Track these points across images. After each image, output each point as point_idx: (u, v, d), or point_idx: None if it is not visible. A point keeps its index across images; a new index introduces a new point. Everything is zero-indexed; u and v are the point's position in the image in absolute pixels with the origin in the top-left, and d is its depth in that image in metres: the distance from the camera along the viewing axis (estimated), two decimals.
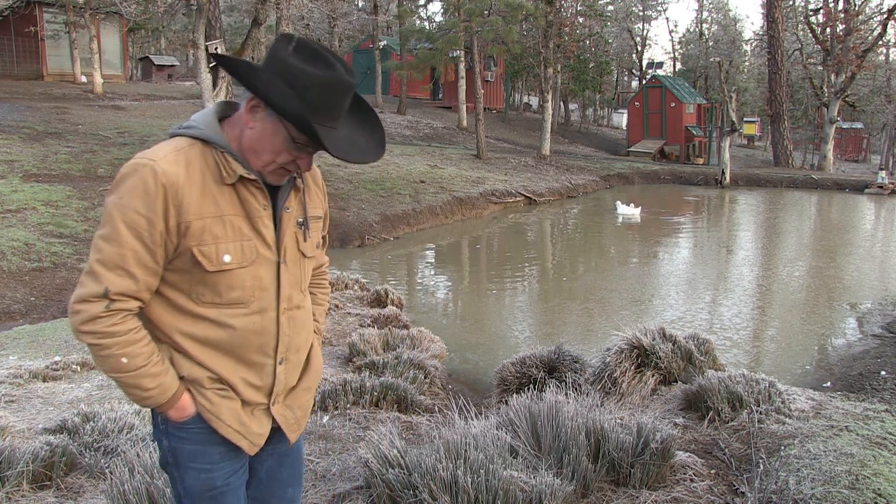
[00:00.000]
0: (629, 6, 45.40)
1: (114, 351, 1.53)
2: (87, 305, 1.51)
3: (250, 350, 1.64)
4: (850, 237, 15.25)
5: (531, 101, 42.89)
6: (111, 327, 1.52)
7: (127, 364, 1.54)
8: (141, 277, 1.53)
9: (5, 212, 9.84)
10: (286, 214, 1.67)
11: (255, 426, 1.69)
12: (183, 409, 1.63)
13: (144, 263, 1.53)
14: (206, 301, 1.59)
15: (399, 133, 25.82)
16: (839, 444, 3.15)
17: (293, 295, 1.70)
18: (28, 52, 23.35)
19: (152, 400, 1.59)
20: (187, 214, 1.53)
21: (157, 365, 1.58)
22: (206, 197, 1.55)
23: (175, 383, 1.61)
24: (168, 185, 1.50)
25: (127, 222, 1.50)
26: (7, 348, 5.76)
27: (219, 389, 1.64)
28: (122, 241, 1.50)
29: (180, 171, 1.52)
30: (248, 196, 1.59)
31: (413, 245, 13.43)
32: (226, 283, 1.58)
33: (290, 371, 1.73)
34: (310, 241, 1.74)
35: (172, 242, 1.54)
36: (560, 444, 2.92)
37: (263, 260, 1.62)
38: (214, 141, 1.58)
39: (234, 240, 1.58)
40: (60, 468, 3.06)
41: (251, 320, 1.62)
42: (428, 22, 39.05)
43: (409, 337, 5.80)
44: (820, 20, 29.94)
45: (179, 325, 1.61)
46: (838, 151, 32.94)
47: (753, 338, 7.86)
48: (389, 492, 2.67)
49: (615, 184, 23.41)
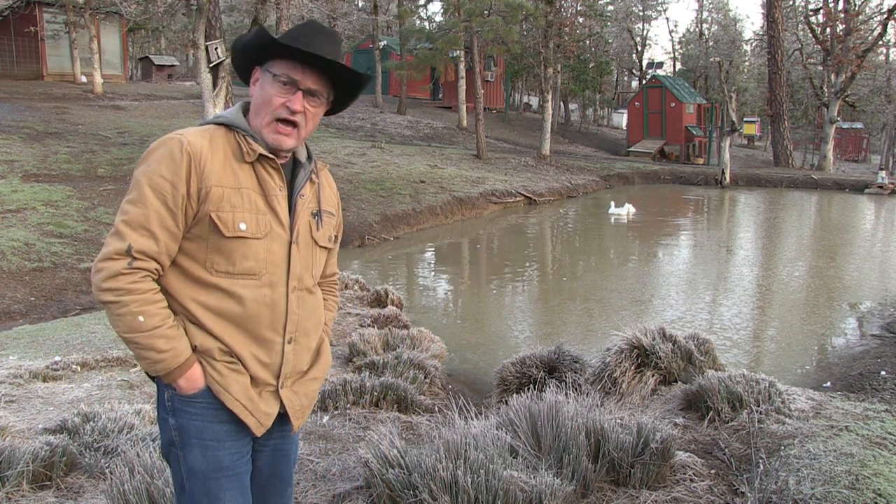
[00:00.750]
0: (629, 6, 45.40)
1: (132, 308, 1.59)
2: (110, 263, 1.59)
3: (261, 324, 1.70)
4: (850, 237, 15.25)
5: (531, 101, 42.89)
6: (131, 284, 1.59)
7: (143, 323, 1.59)
8: (162, 239, 1.62)
9: (5, 212, 9.84)
10: (301, 200, 1.78)
11: (263, 405, 1.73)
12: (193, 379, 1.67)
13: (166, 226, 1.62)
14: (220, 270, 1.66)
15: (399, 133, 25.81)
16: (839, 444, 3.15)
17: (304, 277, 1.78)
18: (28, 52, 23.35)
19: (164, 364, 1.63)
20: (208, 180, 1.63)
21: (172, 328, 1.63)
22: (227, 169, 1.67)
23: (188, 350, 1.66)
24: (193, 154, 1.63)
25: (152, 186, 1.61)
26: (7, 348, 5.75)
27: (228, 362, 1.68)
28: (147, 202, 1.60)
29: (205, 143, 1.66)
30: (265, 175, 1.71)
31: (413, 245, 13.43)
32: (240, 252, 1.66)
33: (298, 353, 1.78)
34: (322, 231, 1.83)
35: (193, 208, 1.64)
36: (560, 444, 2.92)
37: (276, 236, 1.71)
38: (237, 125, 1.72)
39: (250, 211, 1.67)
40: (60, 468, 3.06)
41: (262, 293, 1.69)
42: (428, 22, 39.08)
43: (409, 337, 5.80)
44: (820, 20, 29.95)
45: (194, 293, 1.67)
46: (838, 151, 32.95)
47: (753, 338, 7.86)
48: (389, 492, 2.67)
49: (615, 184, 23.41)
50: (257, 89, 1.75)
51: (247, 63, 1.79)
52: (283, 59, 1.71)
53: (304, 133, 1.75)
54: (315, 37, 1.71)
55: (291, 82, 1.70)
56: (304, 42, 1.68)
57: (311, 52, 1.67)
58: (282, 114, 1.70)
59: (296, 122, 1.72)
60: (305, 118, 1.73)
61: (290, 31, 1.75)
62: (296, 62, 1.70)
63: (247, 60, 1.78)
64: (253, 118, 1.74)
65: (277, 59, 1.71)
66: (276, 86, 1.70)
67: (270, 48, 1.72)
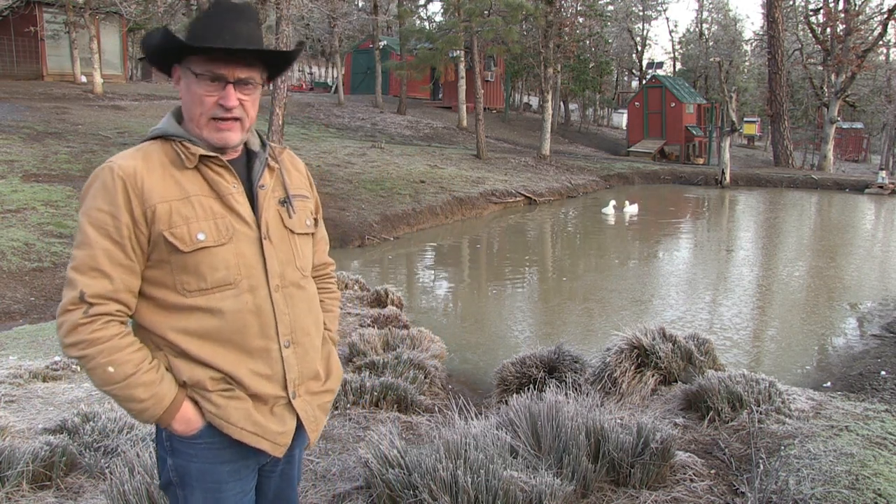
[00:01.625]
0: (629, 6, 45.39)
1: (99, 360, 1.45)
2: (68, 315, 1.47)
3: (250, 334, 1.56)
4: (850, 237, 15.24)
5: (531, 101, 42.89)
6: (92, 334, 1.45)
7: (115, 373, 1.46)
8: (116, 276, 1.49)
9: (5, 212, 9.84)
10: (262, 191, 1.64)
11: (274, 424, 1.60)
12: (187, 420, 1.53)
13: (117, 261, 1.49)
14: (193, 289, 1.53)
15: (399, 133, 25.81)
16: (839, 444, 3.15)
17: (286, 272, 1.63)
18: (28, 52, 23.34)
19: (149, 413, 1.50)
20: (150, 199, 1.50)
21: (149, 372, 1.49)
22: (168, 182, 1.54)
23: (172, 392, 1.52)
24: (126, 177, 1.50)
25: (92, 222, 1.49)
26: (7, 348, 5.75)
27: (223, 390, 1.55)
28: (90, 242, 1.48)
29: (136, 163, 1.53)
30: (214, 176, 1.58)
31: (413, 245, 13.43)
32: (208, 264, 1.53)
33: (302, 355, 1.64)
34: (296, 217, 1.69)
35: (144, 234, 1.51)
36: (560, 444, 2.92)
37: (242, 236, 1.57)
38: (171, 132, 1.59)
39: (205, 218, 1.54)
40: (60, 468, 3.06)
41: (243, 300, 1.55)
42: (428, 22, 39.06)
43: (409, 337, 5.80)
44: (820, 20, 29.94)
45: (172, 322, 1.54)
46: (838, 151, 32.94)
47: (753, 338, 7.86)
48: (389, 492, 2.67)
49: (615, 184, 23.41)
50: (183, 90, 1.60)
51: (162, 61, 1.63)
52: (202, 55, 1.55)
53: (249, 122, 1.62)
54: (226, 19, 1.55)
55: (218, 78, 1.55)
56: (217, 31, 1.53)
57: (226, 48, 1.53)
58: (217, 112, 1.56)
59: (235, 116, 1.58)
60: (244, 108, 1.59)
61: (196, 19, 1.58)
62: (221, 56, 1.55)
63: (162, 59, 1.62)
64: (188, 122, 1.61)
65: (194, 55, 1.55)
66: (202, 85, 1.55)
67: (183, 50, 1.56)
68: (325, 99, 30.63)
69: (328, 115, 26.72)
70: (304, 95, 31.93)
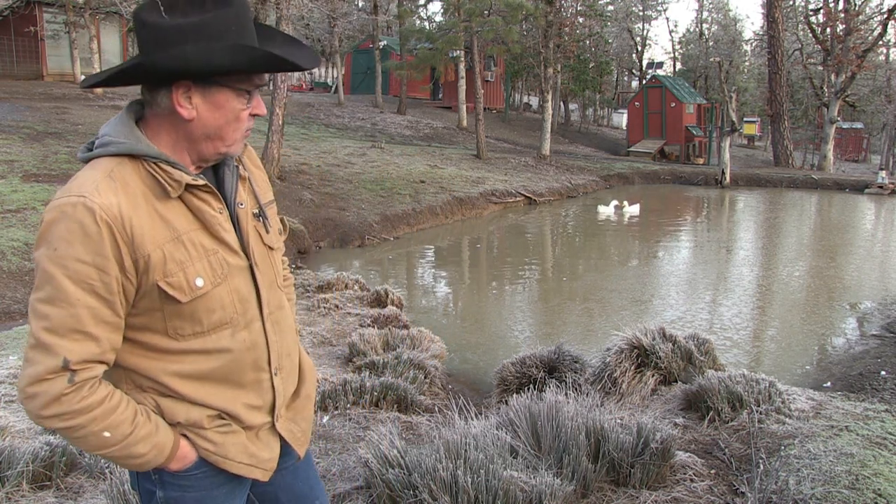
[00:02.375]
0: (629, 6, 45.40)
1: (92, 429, 1.29)
2: (45, 385, 1.24)
3: (245, 370, 1.46)
4: (850, 237, 15.24)
5: (531, 101, 42.90)
6: (81, 403, 1.26)
7: (111, 437, 1.31)
8: (104, 336, 1.28)
9: (5, 212, 9.85)
10: (241, 211, 1.46)
11: (265, 452, 1.53)
12: (183, 457, 1.44)
13: (104, 319, 1.28)
14: (187, 334, 1.38)
15: (399, 133, 25.81)
16: (839, 444, 3.15)
17: (271, 297, 1.51)
18: (28, 52, 23.35)
19: (150, 463, 1.40)
20: (143, 247, 1.29)
21: (144, 426, 1.35)
22: (155, 219, 1.32)
23: (169, 437, 1.40)
24: (112, 221, 1.25)
25: (71, 276, 1.23)
26: (7, 348, 5.75)
27: (220, 426, 1.45)
28: (70, 299, 1.24)
29: (121, 200, 1.27)
30: (199, 204, 1.37)
31: (413, 245, 13.43)
32: (205, 308, 1.37)
33: (285, 379, 1.57)
34: (272, 230, 1.55)
35: (133, 284, 1.30)
36: (560, 444, 2.92)
37: (235, 269, 1.42)
38: (143, 153, 1.32)
39: (199, 259, 1.36)
40: (60, 468, 3.06)
41: (241, 338, 1.43)
42: (428, 22, 39.07)
43: (409, 337, 5.80)
44: (820, 20, 29.94)
45: (164, 365, 1.38)
46: (838, 151, 32.94)
47: (753, 338, 7.86)
48: (389, 492, 2.67)
49: (615, 184, 23.41)
50: (207, 109, 1.34)
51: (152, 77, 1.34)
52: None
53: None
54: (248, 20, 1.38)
55: (254, 90, 1.41)
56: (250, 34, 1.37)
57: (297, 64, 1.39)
58: (250, 123, 1.43)
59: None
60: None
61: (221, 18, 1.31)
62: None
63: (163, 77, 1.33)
64: (200, 142, 1.37)
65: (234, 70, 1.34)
66: (241, 99, 1.37)
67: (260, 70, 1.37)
68: (325, 99, 30.64)
69: (328, 115, 26.72)
70: (304, 95, 31.93)
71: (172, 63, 1.28)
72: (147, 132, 1.37)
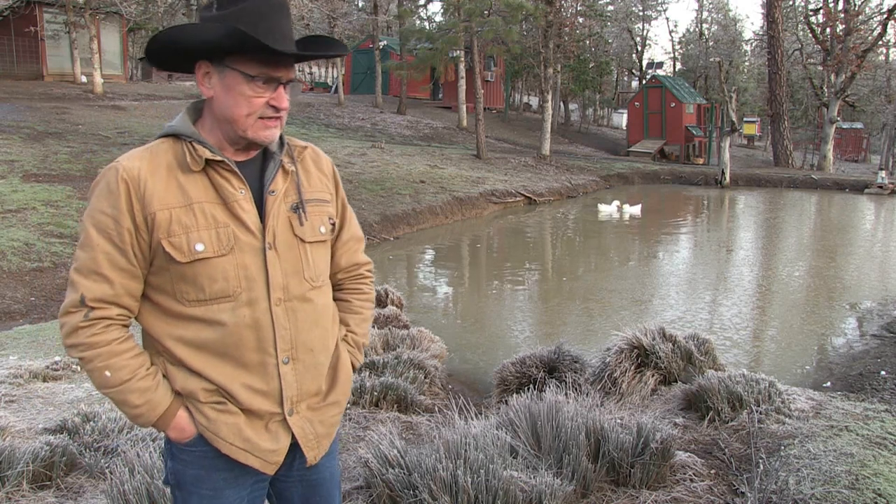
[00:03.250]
0: (629, 6, 45.40)
1: (97, 364, 1.46)
2: (69, 317, 1.46)
3: (246, 348, 1.51)
4: (850, 237, 15.24)
5: (531, 101, 42.90)
6: (91, 338, 1.45)
7: (111, 378, 1.46)
8: (117, 280, 1.46)
9: (5, 212, 9.84)
10: (272, 197, 1.55)
11: (266, 442, 1.55)
12: (181, 428, 1.53)
13: (118, 265, 1.46)
14: (192, 299, 1.49)
15: (399, 133, 25.81)
16: (839, 444, 3.15)
17: (290, 284, 1.55)
18: (28, 52, 23.35)
19: (143, 418, 1.50)
20: (150, 205, 1.45)
21: (144, 379, 1.48)
22: (172, 186, 1.48)
23: (166, 400, 1.51)
24: (130, 180, 1.45)
25: (95, 225, 1.46)
26: (7, 348, 5.75)
27: (216, 403, 1.52)
28: (92, 244, 1.45)
29: (142, 165, 1.47)
30: (221, 181, 1.50)
31: (413, 245, 13.44)
32: (206, 275, 1.47)
33: (301, 373, 1.57)
34: (308, 225, 1.59)
35: (145, 240, 1.47)
36: (560, 444, 2.92)
37: (246, 246, 1.50)
38: (182, 132, 1.52)
39: (206, 227, 1.47)
40: (60, 468, 3.06)
41: (241, 314, 1.50)
42: (428, 22, 39.08)
43: (409, 337, 5.80)
44: (820, 20, 29.94)
45: (170, 329, 1.51)
46: (838, 151, 32.94)
47: (753, 338, 7.86)
48: (389, 492, 2.67)
49: (615, 184, 23.41)
50: (219, 89, 1.49)
51: (186, 57, 1.51)
52: (252, 55, 1.45)
53: (285, 116, 1.55)
54: (275, 14, 1.46)
55: (272, 80, 1.48)
56: (269, 29, 1.44)
57: (299, 54, 1.49)
58: (267, 112, 1.50)
59: (281, 113, 1.53)
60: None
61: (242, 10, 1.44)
62: (272, 57, 1.46)
63: (187, 55, 1.50)
64: (222, 123, 1.52)
65: (242, 54, 1.45)
66: (253, 86, 1.47)
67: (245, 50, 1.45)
68: (325, 99, 30.63)
69: (328, 115, 26.72)
70: (304, 95, 31.91)
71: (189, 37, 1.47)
72: (201, 118, 1.57)
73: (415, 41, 28.12)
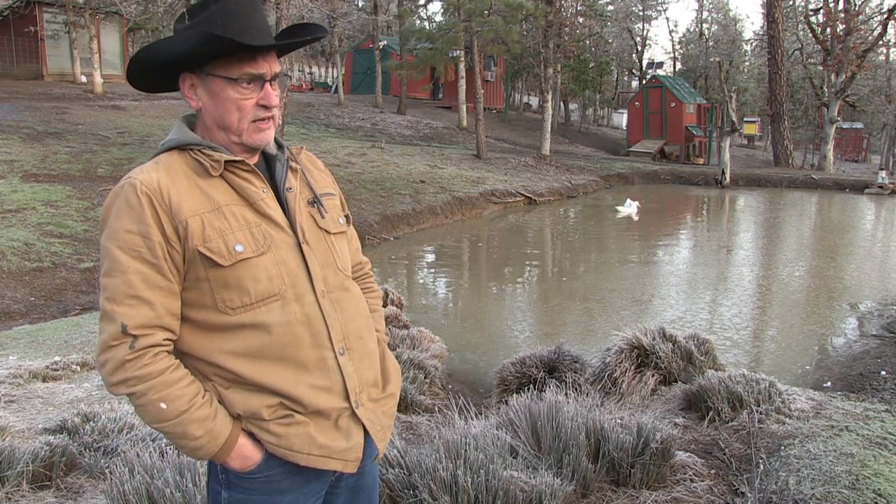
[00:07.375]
0: (629, 6, 45.40)
1: (150, 397, 1.36)
2: (111, 352, 1.36)
3: (303, 346, 1.46)
4: (850, 237, 15.24)
5: (531, 101, 42.89)
6: (142, 370, 1.35)
7: (167, 410, 1.37)
8: (156, 301, 1.38)
9: (5, 212, 9.84)
10: (290, 194, 1.54)
11: (340, 441, 1.50)
12: (244, 456, 1.44)
13: (156, 284, 1.38)
14: (236, 306, 1.42)
15: (399, 133, 25.81)
16: (839, 444, 3.15)
17: (328, 276, 1.54)
18: (28, 52, 23.35)
19: (203, 450, 1.41)
20: (180, 213, 1.39)
21: (202, 407, 1.40)
22: (196, 193, 1.43)
23: (227, 428, 1.42)
24: (151, 192, 1.38)
25: (121, 246, 1.37)
26: (7, 348, 5.75)
27: (281, 418, 1.45)
28: (122, 268, 1.36)
29: (161, 175, 1.41)
30: (242, 183, 1.47)
31: (413, 245, 13.43)
32: (250, 277, 1.42)
33: (357, 362, 1.54)
34: (329, 217, 1.60)
35: (178, 252, 1.40)
36: (560, 444, 2.92)
37: (281, 243, 1.48)
38: (188, 141, 1.47)
39: (240, 228, 1.43)
40: (60, 468, 3.06)
41: (291, 311, 1.45)
42: (428, 22, 39.04)
43: (409, 337, 5.80)
44: (820, 20, 29.94)
45: (219, 344, 1.43)
46: (838, 151, 32.92)
47: (753, 338, 7.86)
48: (389, 492, 2.67)
49: (615, 184, 23.41)
50: (206, 98, 1.47)
51: (167, 73, 1.49)
52: (231, 56, 1.43)
53: (278, 117, 1.53)
54: (245, 9, 1.44)
55: (256, 78, 1.45)
56: (243, 24, 1.42)
57: (270, 45, 1.46)
58: (259, 114, 1.48)
59: (272, 113, 1.50)
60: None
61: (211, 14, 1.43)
62: (251, 55, 1.44)
63: (168, 70, 1.48)
64: (217, 132, 1.49)
65: (221, 58, 1.43)
66: (238, 89, 1.44)
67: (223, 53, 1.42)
68: (325, 99, 30.63)
69: (328, 115, 26.72)
70: (304, 95, 31.91)
71: (147, 55, 1.46)
72: (196, 131, 1.53)
73: (415, 41, 28.12)
